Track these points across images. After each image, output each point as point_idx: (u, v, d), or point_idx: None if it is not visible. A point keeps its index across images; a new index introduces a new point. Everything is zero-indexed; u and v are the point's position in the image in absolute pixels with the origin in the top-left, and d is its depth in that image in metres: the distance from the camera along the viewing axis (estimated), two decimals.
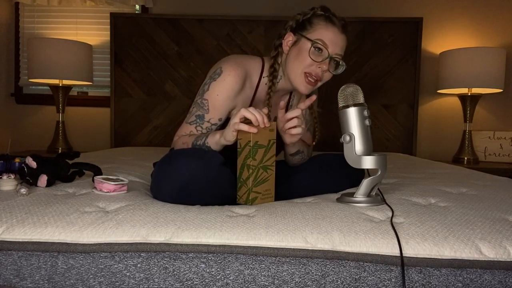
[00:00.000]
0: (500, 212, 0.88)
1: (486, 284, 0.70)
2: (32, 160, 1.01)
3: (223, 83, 1.11)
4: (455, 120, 2.70)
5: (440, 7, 2.66)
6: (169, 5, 2.71)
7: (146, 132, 2.66)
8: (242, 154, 0.96)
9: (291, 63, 1.14)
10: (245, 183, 0.96)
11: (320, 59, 1.10)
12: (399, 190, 1.10)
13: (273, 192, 1.01)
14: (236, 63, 1.14)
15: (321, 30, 1.11)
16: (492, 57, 2.29)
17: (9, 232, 0.74)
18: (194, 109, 1.16)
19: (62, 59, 2.37)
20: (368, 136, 0.94)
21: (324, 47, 1.10)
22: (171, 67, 2.63)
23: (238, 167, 0.98)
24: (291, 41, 1.16)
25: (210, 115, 1.13)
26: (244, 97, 1.18)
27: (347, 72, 2.57)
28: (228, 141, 0.99)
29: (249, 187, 0.95)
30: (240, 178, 0.97)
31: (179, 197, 0.92)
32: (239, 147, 0.97)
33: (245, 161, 0.95)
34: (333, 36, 1.11)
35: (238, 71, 1.12)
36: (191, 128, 1.15)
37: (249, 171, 0.95)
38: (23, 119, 2.81)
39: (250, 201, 0.95)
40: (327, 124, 2.59)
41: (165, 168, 0.95)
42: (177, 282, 0.71)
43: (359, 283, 0.70)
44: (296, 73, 1.13)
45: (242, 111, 0.94)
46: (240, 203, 0.98)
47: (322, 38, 1.10)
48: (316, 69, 1.11)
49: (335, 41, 1.11)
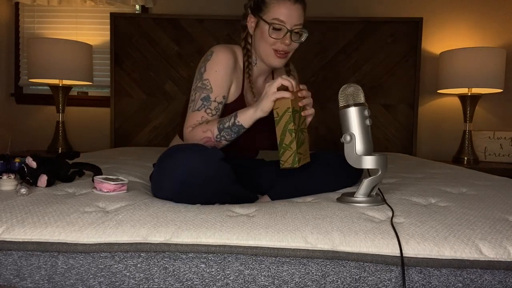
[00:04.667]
0: (500, 212, 0.88)
1: (486, 284, 0.70)
2: (32, 160, 1.01)
3: (218, 59, 1.19)
4: (455, 120, 2.70)
5: (440, 7, 2.66)
6: (169, 5, 2.71)
7: (146, 132, 2.66)
8: (282, 121, 1.02)
9: (258, 44, 1.21)
10: (288, 147, 1.01)
11: (281, 35, 1.16)
12: (399, 190, 1.10)
13: (308, 153, 1.10)
14: (224, 45, 1.25)
15: (275, 8, 1.15)
16: (492, 57, 2.29)
17: (9, 232, 0.74)
18: (197, 95, 1.19)
19: (62, 59, 2.37)
20: (368, 136, 0.95)
21: (281, 24, 1.15)
22: (171, 67, 2.63)
23: (278, 135, 1.02)
24: (253, 22, 1.22)
25: (215, 93, 1.17)
26: (237, 77, 1.25)
27: (347, 72, 2.58)
28: (266, 112, 1.04)
29: (294, 150, 1.01)
30: (282, 144, 1.02)
31: (180, 192, 0.92)
32: (276, 116, 1.03)
33: (286, 126, 1.01)
34: (286, 10, 1.14)
35: (228, 49, 1.22)
36: (201, 114, 1.16)
37: (292, 135, 1.01)
38: (23, 119, 2.81)
39: (297, 162, 1.01)
40: (327, 124, 2.59)
41: (165, 163, 0.95)
42: (177, 282, 0.71)
43: (359, 283, 0.70)
44: (266, 53, 1.20)
45: (279, 80, 1.02)
46: (285, 167, 1.03)
47: (277, 16, 1.14)
48: (280, 45, 1.17)
49: (290, 14, 1.15)
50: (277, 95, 1.01)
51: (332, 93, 2.57)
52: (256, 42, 1.22)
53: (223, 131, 1.10)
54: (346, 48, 2.58)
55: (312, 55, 2.58)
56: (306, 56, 2.58)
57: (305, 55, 2.58)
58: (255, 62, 1.28)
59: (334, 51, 2.58)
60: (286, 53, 1.20)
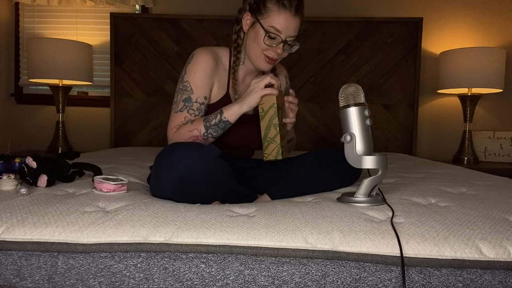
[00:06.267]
0: (500, 212, 0.88)
1: (486, 284, 0.70)
2: (32, 160, 1.01)
3: (197, 62, 1.21)
4: (455, 120, 2.70)
5: (440, 7, 2.66)
6: (169, 5, 2.71)
7: (146, 132, 2.66)
8: (267, 116, 1.07)
9: (250, 45, 1.21)
10: (273, 140, 1.07)
11: (274, 44, 1.17)
12: (399, 190, 1.10)
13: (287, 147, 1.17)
14: (205, 48, 1.27)
15: (274, 16, 1.15)
16: (492, 57, 2.29)
17: (9, 232, 0.73)
18: (178, 96, 1.21)
19: (62, 59, 2.37)
20: (368, 136, 0.95)
21: (277, 34, 1.15)
22: (171, 67, 2.63)
23: (262, 128, 1.08)
24: (249, 21, 1.21)
25: (196, 94, 1.20)
26: (220, 78, 1.26)
27: (347, 72, 2.58)
28: (251, 107, 1.09)
29: (278, 143, 1.07)
30: (267, 138, 1.07)
31: (179, 190, 0.93)
32: (261, 111, 1.08)
33: (271, 121, 1.07)
34: (285, 22, 1.15)
35: (208, 51, 1.24)
36: (184, 114, 1.18)
37: (276, 129, 1.06)
38: (23, 119, 2.81)
39: (281, 155, 1.07)
40: (327, 124, 2.59)
41: (163, 161, 0.96)
42: (177, 282, 0.71)
43: (359, 283, 0.70)
44: (255, 55, 1.21)
45: (268, 78, 1.07)
46: (269, 160, 1.08)
47: (274, 25, 1.14)
48: (271, 53, 1.19)
49: (287, 26, 1.15)
50: (266, 91, 1.06)
51: (332, 93, 2.58)
52: (248, 41, 1.22)
53: (210, 129, 1.11)
54: (346, 48, 2.58)
55: (312, 55, 2.58)
56: (306, 56, 2.58)
57: (305, 55, 2.58)
58: (243, 60, 1.28)
59: (334, 51, 2.58)
60: (275, 60, 1.21)
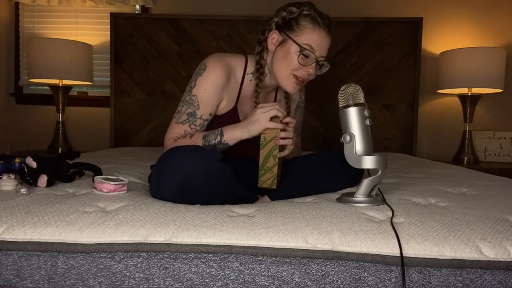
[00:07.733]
0: (500, 212, 0.88)
1: (486, 284, 0.70)
2: (32, 160, 1.01)
3: (209, 77, 1.15)
4: (455, 120, 2.70)
5: (440, 7, 2.66)
6: (169, 5, 2.71)
7: (146, 132, 2.66)
8: (268, 146, 1.08)
9: (278, 63, 1.16)
10: (270, 170, 1.09)
11: (307, 63, 1.13)
12: (399, 190, 1.10)
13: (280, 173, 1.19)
14: (219, 58, 1.19)
15: (308, 33, 1.12)
16: (492, 57, 2.29)
17: (9, 232, 0.74)
18: (183, 108, 1.17)
19: (62, 59, 2.37)
20: (368, 136, 0.94)
21: (312, 52, 1.12)
22: (171, 67, 2.63)
23: (261, 157, 1.08)
24: (276, 39, 1.17)
25: (201, 111, 1.15)
26: (230, 92, 1.20)
27: (347, 72, 2.58)
28: (252, 136, 1.07)
29: (275, 173, 1.09)
30: (264, 166, 1.09)
31: (179, 193, 0.92)
32: (263, 140, 1.08)
33: (271, 152, 1.08)
34: (319, 40, 1.12)
35: (222, 64, 1.17)
36: (184, 127, 1.16)
37: (275, 160, 1.08)
38: (23, 119, 2.81)
39: (275, 184, 1.09)
40: (327, 124, 2.59)
41: (164, 164, 0.95)
42: (177, 282, 0.71)
43: (359, 283, 0.70)
44: (284, 75, 1.16)
45: (274, 110, 1.03)
46: (263, 187, 1.10)
47: (309, 42, 1.11)
48: (302, 72, 1.14)
49: (321, 44, 1.13)
50: (270, 124, 1.03)
51: (332, 93, 2.58)
52: (276, 60, 1.17)
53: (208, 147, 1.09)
54: (346, 48, 2.58)
55: None
56: None
57: None
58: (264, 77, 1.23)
59: (334, 51, 2.57)
60: (304, 81, 1.16)
